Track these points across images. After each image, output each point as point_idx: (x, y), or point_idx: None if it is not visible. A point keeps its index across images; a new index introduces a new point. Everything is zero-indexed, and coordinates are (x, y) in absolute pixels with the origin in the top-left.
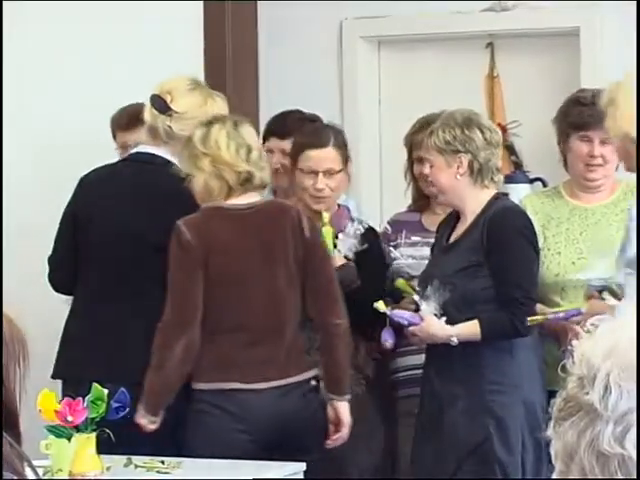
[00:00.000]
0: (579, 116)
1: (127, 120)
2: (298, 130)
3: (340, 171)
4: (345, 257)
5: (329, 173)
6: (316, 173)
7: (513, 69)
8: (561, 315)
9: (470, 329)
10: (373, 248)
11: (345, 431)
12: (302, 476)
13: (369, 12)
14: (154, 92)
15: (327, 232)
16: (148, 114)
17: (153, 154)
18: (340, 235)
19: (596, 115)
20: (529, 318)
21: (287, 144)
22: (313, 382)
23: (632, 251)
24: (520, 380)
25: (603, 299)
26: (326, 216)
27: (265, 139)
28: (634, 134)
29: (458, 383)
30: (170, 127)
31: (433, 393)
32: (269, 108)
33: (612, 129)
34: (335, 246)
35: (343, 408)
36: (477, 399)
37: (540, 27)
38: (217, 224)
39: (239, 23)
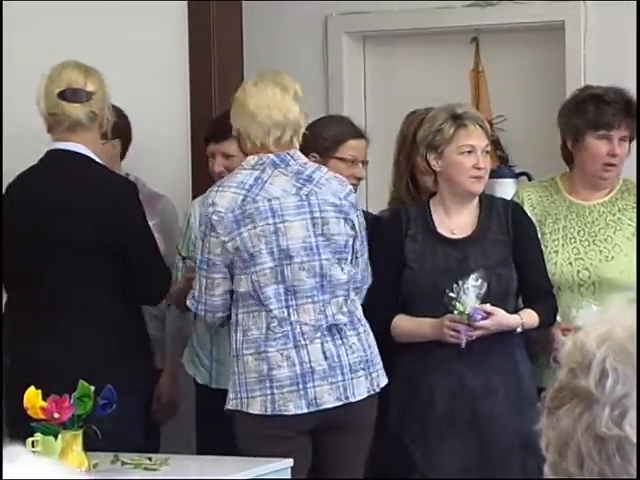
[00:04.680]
0: (601, 115)
1: None
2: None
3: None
4: None
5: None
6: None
7: (498, 64)
8: None
9: (530, 317)
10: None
11: None
12: (289, 472)
13: (354, 8)
14: (58, 89)
15: None
16: (70, 110)
17: (75, 151)
18: None
19: (618, 114)
20: None
21: (226, 146)
22: None
23: None
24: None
25: None
26: None
27: (206, 145)
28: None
29: (494, 374)
30: (93, 112)
31: (463, 388)
32: None
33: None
34: None
35: None
36: (516, 387)
37: (525, 21)
38: None
39: (224, 20)
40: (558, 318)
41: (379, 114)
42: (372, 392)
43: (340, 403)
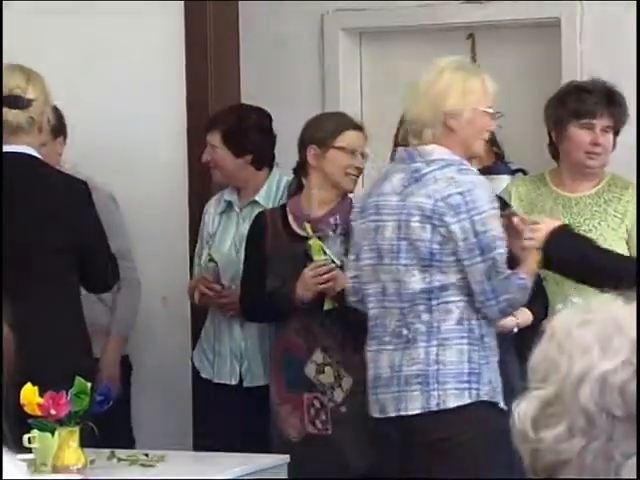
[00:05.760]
0: (583, 104)
1: None
2: (221, 119)
3: None
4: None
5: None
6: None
7: (494, 60)
8: None
9: (524, 315)
10: None
11: None
12: (286, 468)
13: (350, 4)
14: None
15: (314, 245)
16: (9, 116)
17: (22, 152)
18: (323, 246)
19: (600, 102)
20: None
21: (211, 137)
22: None
23: None
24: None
25: None
26: (307, 226)
27: None
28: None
29: None
30: (32, 117)
31: None
32: (251, 103)
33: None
34: (325, 252)
35: None
36: (504, 388)
37: (521, 18)
38: None
39: (221, 19)
40: None
41: (375, 111)
42: (427, 410)
43: (394, 414)
